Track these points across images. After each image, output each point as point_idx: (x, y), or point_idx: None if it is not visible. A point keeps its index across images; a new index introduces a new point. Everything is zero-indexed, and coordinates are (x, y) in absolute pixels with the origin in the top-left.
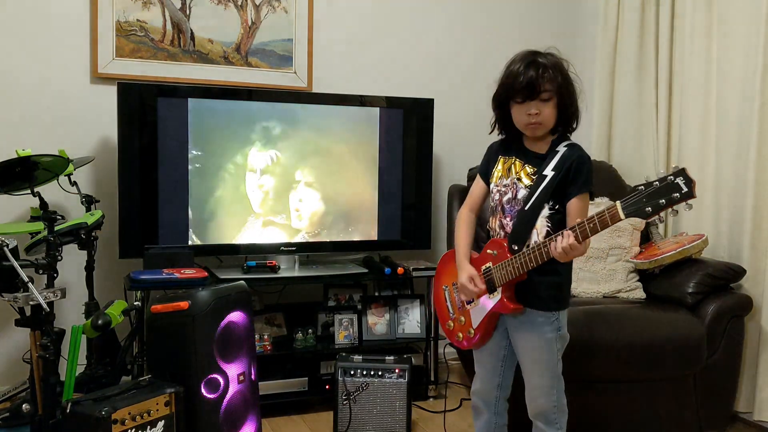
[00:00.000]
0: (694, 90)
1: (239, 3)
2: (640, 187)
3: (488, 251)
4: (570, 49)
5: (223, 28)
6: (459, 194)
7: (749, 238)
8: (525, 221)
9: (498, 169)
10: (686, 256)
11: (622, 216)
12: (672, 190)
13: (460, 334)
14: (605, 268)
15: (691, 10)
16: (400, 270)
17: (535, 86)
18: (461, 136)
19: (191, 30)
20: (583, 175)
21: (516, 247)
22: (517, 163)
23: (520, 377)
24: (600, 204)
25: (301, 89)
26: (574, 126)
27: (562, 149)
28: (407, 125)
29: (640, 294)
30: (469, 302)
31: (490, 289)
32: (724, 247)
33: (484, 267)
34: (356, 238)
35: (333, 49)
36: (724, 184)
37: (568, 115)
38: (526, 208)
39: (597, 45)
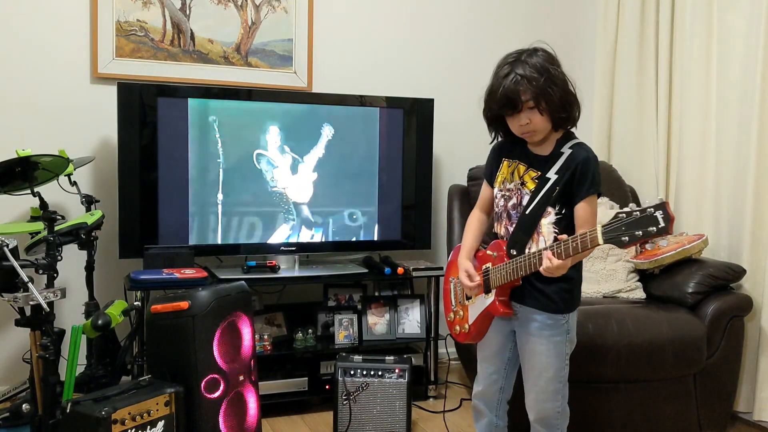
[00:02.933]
0: (694, 90)
1: (239, 3)
2: (621, 215)
3: (488, 252)
4: (570, 48)
5: (223, 28)
6: (459, 194)
7: (749, 238)
8: (525, 226)
9: (502, 173)
10: (686, 256)
11: (600, 241)
12: (650, 223)
13: (458, 327)
14: (605, 268)
15: (691, 11)
16: (400, 270)
17: (514, 99)
18: (461, 136)
19: (191, 30)
20: (588, 178)
21: (514, 252)
22: (520, 166)
23: (520, 379)
24: (600, 203)
25: (301, 89)
26: (576, 118)
27: (567, 150)
28: (407, 125)
29: (640, 294)
30: (468, 298)
31: (486, 289)
32: (724, 247)
33: (484, 267)
34: (356, 238)
35: (333, 49)
36: (724, 184)
37: (559, 115)
38: (527, 213)
39: (597, 45)
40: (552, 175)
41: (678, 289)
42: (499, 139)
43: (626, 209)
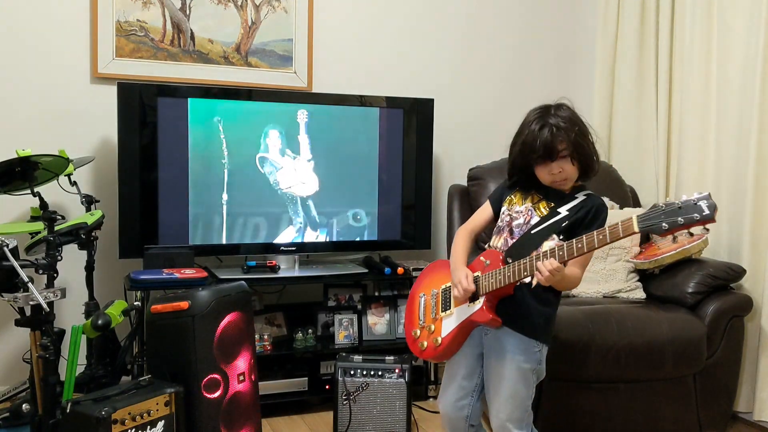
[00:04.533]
0: (694, 90)
1: (239, 3)
2: (660, 205)
3: (481, 258)
4: (570, 49)
5: (223, 28)
6: (459, 194)
7: (749, 238)
8: (527, 242)
9: (513, 197)
10: (686, 256)
11: (636, 228)
12: (692, 211)
13: (425, 343)
14: (605, 268)
15: (691, 11)
16: (400, 270)
17: (551, 148)
18: (461, 136)
19: (191, 30)
20: (598, 223)
21: (510, 260)
22: (535, 196)
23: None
24: None
25: (301, 89)
26: (594, 173)
27: (581, 196)
28: (407, 125)
29: (640, 294)
30: (444, 310)
31: (473, 297)
32: (724, 247)
33: (473, 275)
34: (356, 238)
35: (333, 49)
36: (724, 184)
37: (587, 164)
38: (532, 232)
39: (597, 45)
40: (563, 211)
41: (678, 289)
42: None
43: (665, 201)
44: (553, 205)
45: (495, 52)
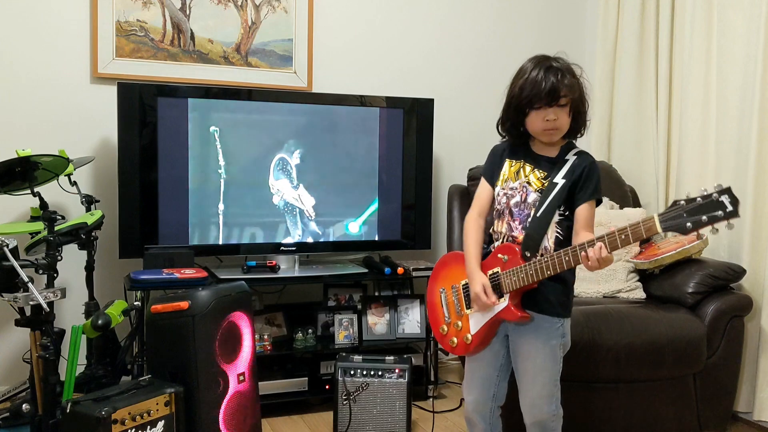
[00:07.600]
0: (694, 90)
1: (239, 3)
2: (680, 202)
3: (498, 255)
4: (570, 49)
5: (223, 28)
6: (459, 194)
7: (749, 238)
8: (538, 228)
9: (504, 172)
10: (686, 256)
11: (659, 229)
12: (716, 208)
13: (455, 339)
14: (605, 268)
15: (691, 10)
16: (400, 270)
17: (557, 91)
18: (461, 136)
19: (191, 30)
20: (593, 184)
21: (528, 254)
22: (526, 166)
23: (513, 383)
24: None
25: (301, 89)
26: (583, 132)
27: (571, 157)
28: (407, 125)
29: (640, 294)
30: (469, 306)
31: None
32: (724, 247)
33: (491, 272)
34: (356, 238)
35: (333, 49)
36: (724, 184)
37: (580, 121)
38: (537, 215)
39: (597, 45)
40: (559, 179)
41: (678, 289)
42: (503, 140)
43: (684, 197)
44: (545, 174)
45: (495, 52)
